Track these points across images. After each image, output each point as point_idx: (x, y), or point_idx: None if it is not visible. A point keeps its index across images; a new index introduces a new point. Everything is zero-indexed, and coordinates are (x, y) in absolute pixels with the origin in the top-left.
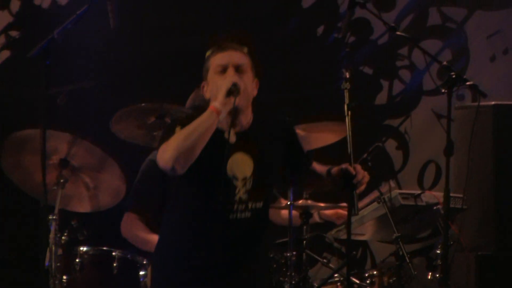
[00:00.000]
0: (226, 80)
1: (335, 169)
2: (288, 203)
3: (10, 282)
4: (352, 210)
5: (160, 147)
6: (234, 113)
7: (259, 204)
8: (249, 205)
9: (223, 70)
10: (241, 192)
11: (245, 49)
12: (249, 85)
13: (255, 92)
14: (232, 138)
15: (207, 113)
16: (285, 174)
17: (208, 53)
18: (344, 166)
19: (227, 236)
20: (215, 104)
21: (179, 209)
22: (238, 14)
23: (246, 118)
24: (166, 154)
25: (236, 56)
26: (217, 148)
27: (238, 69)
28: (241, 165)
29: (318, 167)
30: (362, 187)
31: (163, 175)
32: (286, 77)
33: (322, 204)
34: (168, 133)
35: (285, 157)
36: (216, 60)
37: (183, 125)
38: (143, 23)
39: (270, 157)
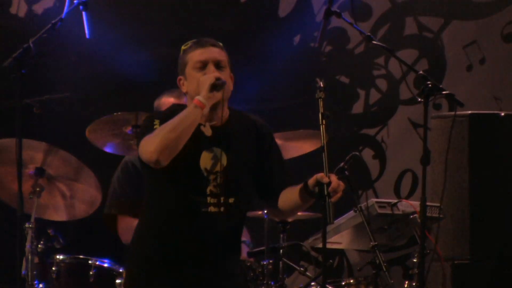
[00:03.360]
0: (209, 75)
1: (311, 180)
2: (265, 211)
3: None
4: (327, 219)
5: (141, 141)
6: (222, 105)
7: (231, 200)
8: (221, 199)
9: (203, 66)
10: (211, 186)
11: (222, 45)
12: (228, 81)
13: (231, 87)
14: (208, 132)
15: (191, 107)
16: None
17: (184, 47)
18: (318, 175)
19: (200, 229)
20: (199, 98)
21: (152, 203)
22: (214, 25)
23: (223, 113)
24: (150, 147)
25: (216, 52)
26: (192, 140)
27: (217, 65)
28: (214, 159)
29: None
30: (338, 195)
31: (139, 174)
32: (262, 87)
33: (299, 213)
34: (147, 128)
35: (259, 162)
36: (195, 55)
37: (162, 119)
38: (118, 33)
39: (244, 154)
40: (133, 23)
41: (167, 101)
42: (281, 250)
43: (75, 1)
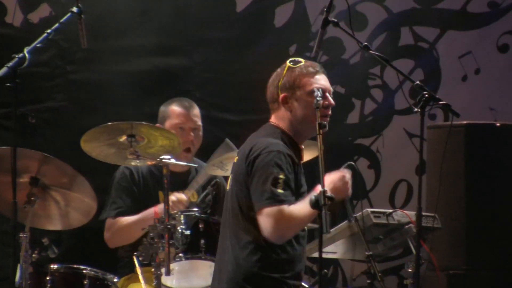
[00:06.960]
0: None
1: None
2: None
3: None
4: (324, 228)
5: (273, 216)
6: None
7: None
8: None
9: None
10: None
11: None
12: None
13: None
14: None
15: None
16: None
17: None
18: None
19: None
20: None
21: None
22: (210, 35)
23: None
24: (287, 234)
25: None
26: None
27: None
28: None
29: None
30: None
31: (134, 183)
32: (257, 97)
33: None
34: (274, 184)
35: None
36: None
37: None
38: (114, 42)
39: None
40: (129, 33)
41: (175, 111)
42: None
43: (71, 11)
